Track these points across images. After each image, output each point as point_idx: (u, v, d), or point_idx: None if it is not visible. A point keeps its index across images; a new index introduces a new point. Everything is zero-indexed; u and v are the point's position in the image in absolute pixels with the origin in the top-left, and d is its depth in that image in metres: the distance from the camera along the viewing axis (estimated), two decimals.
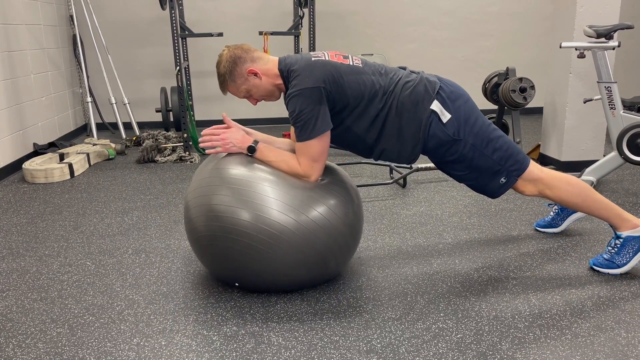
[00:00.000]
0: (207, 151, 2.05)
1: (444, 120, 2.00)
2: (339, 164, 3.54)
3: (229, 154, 2.04)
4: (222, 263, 1.97)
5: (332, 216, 1.92)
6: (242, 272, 1.96)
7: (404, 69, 2.12)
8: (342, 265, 2.09)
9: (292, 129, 2.14)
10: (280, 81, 2.03)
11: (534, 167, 2.12)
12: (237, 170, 1.95)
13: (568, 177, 2.16)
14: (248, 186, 1.89)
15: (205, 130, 2.07)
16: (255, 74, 2.01)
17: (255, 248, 1.87)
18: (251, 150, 2.00)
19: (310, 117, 1.91)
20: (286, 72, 1.99)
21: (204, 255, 2.02)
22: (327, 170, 2.08)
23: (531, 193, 2.14)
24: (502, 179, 2.09)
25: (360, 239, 2.15)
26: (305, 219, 1.87)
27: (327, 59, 1.98)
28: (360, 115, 2.01)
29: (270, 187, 1.89)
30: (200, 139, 2.07)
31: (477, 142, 2.03)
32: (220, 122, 2.16)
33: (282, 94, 2.08)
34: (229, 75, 2.03)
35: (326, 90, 1.92)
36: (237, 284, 2.05)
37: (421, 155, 2.11)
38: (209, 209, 1.91)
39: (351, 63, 2.01)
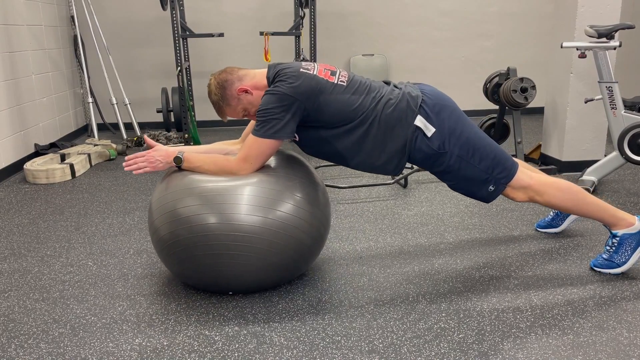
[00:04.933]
0: (134, 172, 2.03)
1: (429, 134, 2.01)
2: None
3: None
4: (189, 267, 1.96)
5: (300, 213, 1.93)
6: (209, 274, 1.95)
7: (388, 83, 2.14)
8: (309, 263, 2.10)
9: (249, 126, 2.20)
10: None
11: (522, 175, 2.11)
12: (201, 176, 1.96)
13: (558, 182, 2.15)
14: (216, 191, 1.89)
15: (128, 156, 2.07)
16: (246, 91, 2.03)
17: (222, 247, 1.87)
18: (177, 160, 2.00)
19: (277, 119, 1.92)
20: (273, 76, 2.01)
21: (168, 259, 2.00)
22: (295, 167, 2.06)
23: (522, 200, 2.14)
24: (491, 187, 2.10)
25: (327, 239, 2.15)
26: (272, 217, 1.88)
27: (314, 73, 1.99)
28: (342, 134, 2.02)
29: (236, 188, 1.90)
30: (124, 164, 2.05)
31: (462, 153, 2.03)
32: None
33: None
34: (222, 101, 2.05)
35: (302, 104, 1.94)
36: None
37: None
38: (173, 214, 1.91)
39: (336, 81, 2.02)
